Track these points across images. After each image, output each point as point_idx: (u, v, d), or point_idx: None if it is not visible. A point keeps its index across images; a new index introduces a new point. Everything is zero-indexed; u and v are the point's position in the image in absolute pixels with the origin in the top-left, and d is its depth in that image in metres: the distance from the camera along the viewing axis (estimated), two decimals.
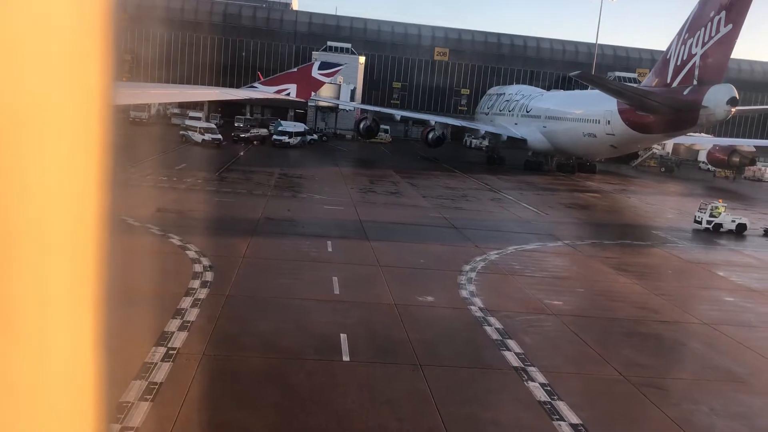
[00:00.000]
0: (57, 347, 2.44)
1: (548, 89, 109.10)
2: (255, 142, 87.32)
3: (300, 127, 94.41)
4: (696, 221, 51.32)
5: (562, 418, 17.59)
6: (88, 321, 2.52)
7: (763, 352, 24.70)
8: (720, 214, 50.47)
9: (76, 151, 2.42)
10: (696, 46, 64.75)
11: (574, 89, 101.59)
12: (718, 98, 63.26)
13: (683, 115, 65.83)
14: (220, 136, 76.11)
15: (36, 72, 2.25)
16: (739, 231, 50.21)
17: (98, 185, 2.50)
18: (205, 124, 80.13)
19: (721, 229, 50.05)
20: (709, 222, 50.34)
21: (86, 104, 2.45)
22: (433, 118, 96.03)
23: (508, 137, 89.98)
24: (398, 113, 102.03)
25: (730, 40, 62.65)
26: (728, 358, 23.81)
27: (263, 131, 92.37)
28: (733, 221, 50.60)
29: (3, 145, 2.17)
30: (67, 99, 2.37)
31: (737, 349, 24.85)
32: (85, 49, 2.39)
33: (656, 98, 67.26)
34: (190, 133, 78.06)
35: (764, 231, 51.51)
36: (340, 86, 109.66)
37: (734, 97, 63.07)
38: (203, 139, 74.66)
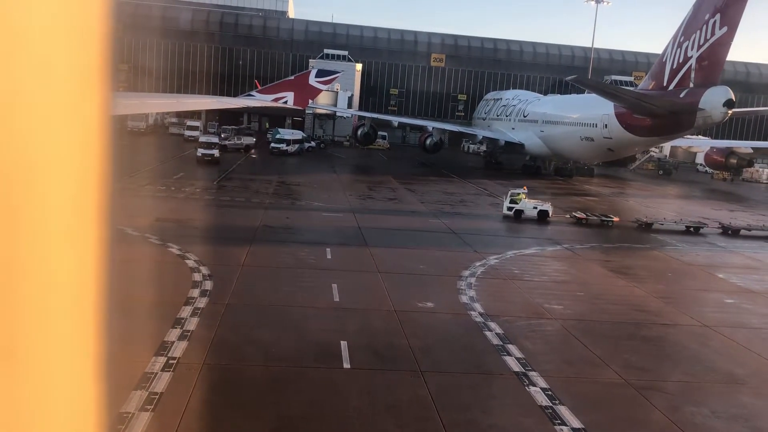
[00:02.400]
0: (57, 357, 2.44)
1: (545, 94, 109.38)
2: (252, 153, 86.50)
3: (298, 134, 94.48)
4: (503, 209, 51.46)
5: (563, 423, 17.56)
6: (88, 331, 2.53)
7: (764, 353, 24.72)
8: (521, 200, 50.47)
9: (74, 162, 2.43)
10: (692, 48, 64.91)
11: (570, 93, 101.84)
12: (714, 100, 63.35)
13: (680, 117, 65.91)
14: (212, 152, 71.93)
15: (33, 83, 2.26)
16: (541, 218, 50.15)
17: (97, 195, 2.51)
18: (204, 138, 77.75)
19: (523, 216, 50.13)
20: (510, 209, 50.30)
21: (84, 115, 2.46)
22: (430, 124, 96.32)
23: (506, 142, 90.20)
24: (396, 119, 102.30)
25: (725, 42, 62.81)
26: (729, 360, 23.79)
27: (248, 140, 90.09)
28: (535, 208, 50.54)
29: (1, 156, 2.18)
30: (65, 110, 2.38)
31: (738, 351, 24.84)
32: (82, 59, 2.40)
33: (653, 101, 67.38)
34: (197, 147, 76.39)
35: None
36: (338, 93, 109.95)
37: (731, 99, 63.14)
38: (197, 155, 72.29)
